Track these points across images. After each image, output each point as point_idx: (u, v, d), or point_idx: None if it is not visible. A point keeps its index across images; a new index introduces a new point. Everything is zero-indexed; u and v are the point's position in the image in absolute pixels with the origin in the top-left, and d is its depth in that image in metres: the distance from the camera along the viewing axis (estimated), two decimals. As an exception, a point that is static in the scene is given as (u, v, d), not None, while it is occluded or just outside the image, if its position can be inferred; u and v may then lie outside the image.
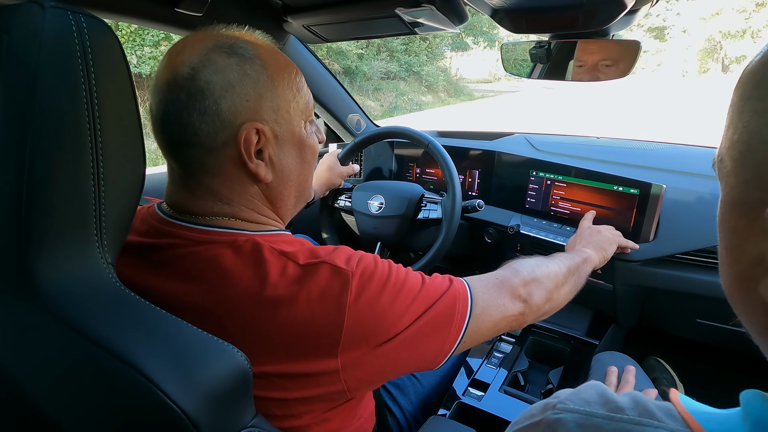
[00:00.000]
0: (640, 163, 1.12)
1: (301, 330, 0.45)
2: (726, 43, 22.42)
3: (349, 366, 0.46)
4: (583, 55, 0.89)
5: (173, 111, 0.48)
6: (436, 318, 0.51)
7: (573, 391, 0.32)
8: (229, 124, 0.49)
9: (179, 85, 0.47)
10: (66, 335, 0.35)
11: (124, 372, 0.34)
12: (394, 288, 0.49)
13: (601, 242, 0.90)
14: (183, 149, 0.49)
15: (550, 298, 0.67)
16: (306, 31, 1.16)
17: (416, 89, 13.06)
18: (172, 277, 0.48)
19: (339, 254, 0.50)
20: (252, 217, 0.54)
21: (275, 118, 0.52)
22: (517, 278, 0.63)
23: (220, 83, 0.48)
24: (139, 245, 0.51)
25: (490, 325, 0.58)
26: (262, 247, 0.48)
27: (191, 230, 0.50)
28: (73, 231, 0.37)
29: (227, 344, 0.39)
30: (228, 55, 0.49)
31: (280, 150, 0.54)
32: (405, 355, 0.49)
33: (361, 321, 0.46)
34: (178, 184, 0.53)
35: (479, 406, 0.93)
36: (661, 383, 1.12)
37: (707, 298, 0.97)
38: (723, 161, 0.26)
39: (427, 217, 1.11)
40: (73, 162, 0.36)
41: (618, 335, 1.22)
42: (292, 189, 0.58)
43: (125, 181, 0.41)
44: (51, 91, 0.34)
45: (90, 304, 0.37)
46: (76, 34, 0.35)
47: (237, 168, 0.51)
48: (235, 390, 0.39)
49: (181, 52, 0.49)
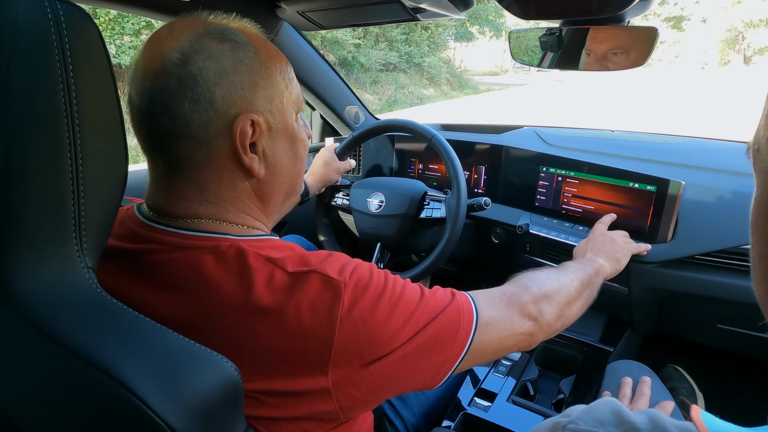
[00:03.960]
0: (658, 158, 1.11)
1: (289, 344, 0.44)
2: (748, 33, 22.10)
3: (341, 384, 0.46)
4: (594, 43, 0.88)
5: (161, 100, 0.47)
6: (437, 334, 0.50)
7: (585, 408, 0.32)
8: (224, 114, 0.48)
9: (169, 72, 0.47)
10: (43, 345, 0.35)
11: (106, 384, 0.34)
12: (390, 301, 0.49)
13: (615, 252, 0.88)
14: (171, 141, 0.49)
15: (561, 315, 0.66)
16: (301, 17, 1.15)
17: (417, 82, 12.97)
18: (152, 285, 0.47)
19: (331, 262, 0.49)
20: (237, 218, 0.53)
21: (270, 108, 0.52)
22: (526, 294, 0.62)
23: (214, 70, 0.47)
24: (117, 250, 0.50)
25: (495, 344, 0.56)
26: (246, 253, 0.47)
27: (172, 234, 0.49)
28: (51, 233, 0.36)
29: (215, 354, 0.39)
30: (220, 40, 0.49)
31: (274, 143, 0.54)
32: (402, 374, 0.49)
33: (353, 336, 0.45)
34: (161, 183, 0.52)
35: (486, 417, 0.92)
36: (679, 393, 1.11)
37: (729, 302, 0.97)
38: (760, 151, 0.25)
39: (430, 216, 1.10)
40: (49, 159, 0.35)
41: (634, 342, 1.21)
42: (283, 185, 0.57)
43: (106, 179, 0.40)
44: (26, 84, 0.34)
45: (69, 311, 0.36)
46: (52, 23, 0.35)
47: (229, 162, 0.51)
48: (224, 403, 0.38)
49: (168, 38, 0.48)
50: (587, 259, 0.83)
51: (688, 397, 1.07)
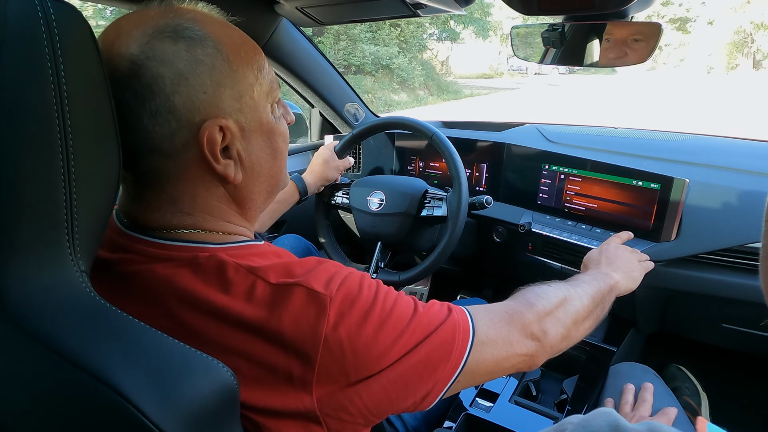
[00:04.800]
0: (662, 155, 1.10)
1: (271, 358, 0.43)
2: (758, 36, 21.09)
3: (327, 406, 0.44)
4: (615, 27, 0.86)
5: (118, 115, 0.42)
6: (430, 354, 0.48)
7: (581, 420, 0.31)
8: (187, 122, 0.45)
9: (121, 84, 0.43)
10: (35, 350, 0.35)
11: (99, 390, 0.34)
12: (379, 317, 0.46)
13: (632, 270, 0.82)
14: (137, 155, 0.46)
15: (567, 335, 0.62)
16: (299, 13, 1.14)
17: (386, 86, 11.74)
18: (128, 296, 0.45)
19: (318, 274, 0.46)
20: (217, 225, 0.50)
21: (239, 107, 0.48)
22: (530, 312, 0.58)
23: (170, 76, 0.43)
24: (96, 258, 0.47)
25: (491, 365, 0.53)
26: (226, 265, 0.45)
27: (149, 244, 0.47)
28: (43, 237, 0.36)
29: (212, 359, 0.39)
30: (173, 40, 0.44)
31: (248, 144, 0.50)
32: (391, 395, 0.46)
33: (338, 354, 0.43)
34: (131, 195, 0.49)
35: (488, 418, 0.92)
36: (683, 393, 1.11)
37: (734, 301, 0.96)
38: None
39: (431, 214, 1.10)
40: (40, 160, 0.35)
41: (637, 341, 1.21)
42: (263, 185, 0.54)
43: (100, 180, 0.40)
44: (15, 84, 0.33)
45: (62, 316, 0.36)
46: (42, 20, 0.34)
47: (201, 171, 0.48)
48: (221, 410, 0.38)
49: (116, 42, 0.44)
50: (602, 272, 0.77)
51: (691, 397, 1.07)
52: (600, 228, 1.07)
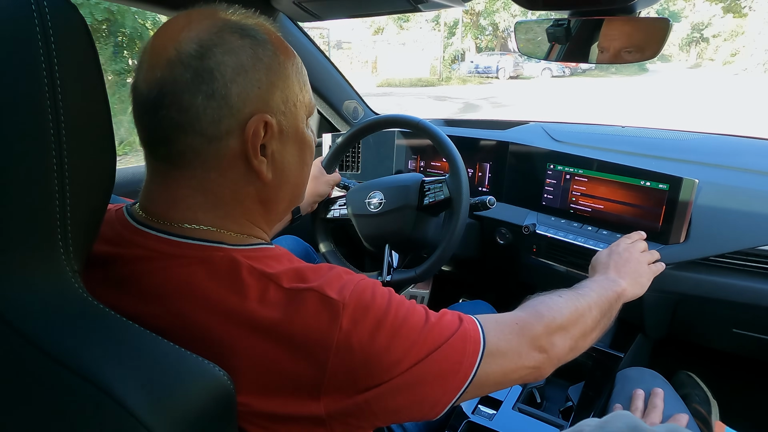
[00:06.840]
0: (670, 155, 1.11)
1: (280, 362, 0.44)
2: None
3: (334, 412, 0.45)
4: (607, 40, 0.87)
5: (172, 91, 0.46)
6: (440, 364, 0.49)
7: (599, 423, 0.32)
8: (237, 112, 0.48)
9: (184, 63, 0.46)
10: (25, 351, 0.35)
11: (91, 393, 0.34)
12: (392, 325, 0.47)
13: (641, 275, 0.83)
14: (178, 135, 0.47)
15: (574, 347, 0.63)
16: (297, 7, 1.15)
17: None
18: (137, 295, 0.46)
19: (331, 280, 0.48)
20: (236, 223, 0.52)
21: (283, 110, 0.52)
22: (539, 325, 0.59)
23: (233, 65, 0.47)
24: (103, 255, 0.49)
25: (499, 377, 0.54)
26: (240, 266, 0.47)
27: (161, 241, 0.48)
28: (34, 234, 0.36)
29: (207, 362, 0.39)
30: (240, 36, 0.48)
31: (283, 147, 0.53)
32: (399, 403, 0.47)
33: (349, 362, 0.45)
34: (159, 180, 0.51)
35: (490, 425, 0.92)
36: (692, 400, 1.11)
37: (745, 305, 0.96)
38: None
39: (434, 200, 1.08)
40: (33, 157, 0.35)
41: (645, 347, 1.21)
42: (288, 192, 0.57)
43: (94, 178, 0.40)
44: (7, 79, 0.34)
45: (53, 317, 0.36)
46: (36, 14, 0.35)
47: (237, 162, 0.50)
48: (216, 414, 0.38)
49: (186, 27, 0.47)
50: (610, 279, 0.79)
51: (702, 405, 1.07)
52: (606, 230, 1.07)
